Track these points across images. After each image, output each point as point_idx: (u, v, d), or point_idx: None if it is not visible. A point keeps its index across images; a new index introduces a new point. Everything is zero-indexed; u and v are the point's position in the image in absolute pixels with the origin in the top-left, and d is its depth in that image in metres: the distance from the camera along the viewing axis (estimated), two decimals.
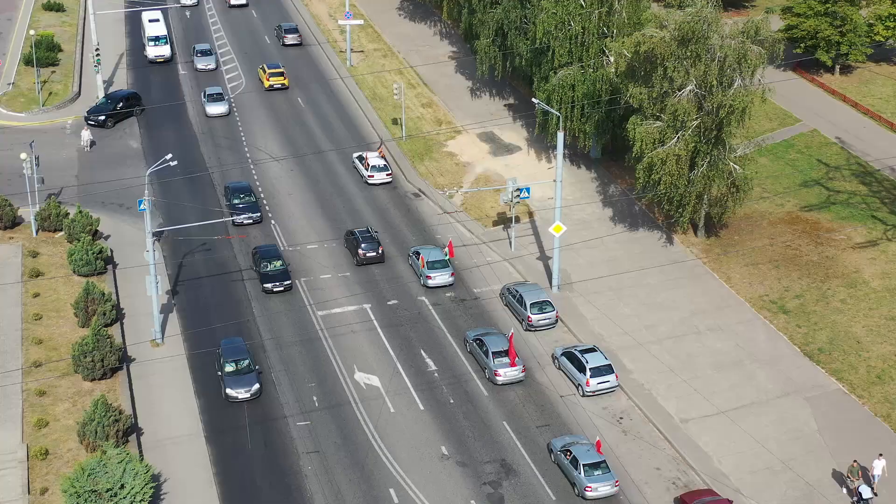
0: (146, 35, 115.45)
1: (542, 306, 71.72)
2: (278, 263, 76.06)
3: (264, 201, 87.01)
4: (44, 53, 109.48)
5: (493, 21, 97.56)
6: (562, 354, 67.70)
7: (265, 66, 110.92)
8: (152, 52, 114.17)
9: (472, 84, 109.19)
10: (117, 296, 73.69)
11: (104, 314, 69.15)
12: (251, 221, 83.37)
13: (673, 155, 75.85)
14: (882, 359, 68.29)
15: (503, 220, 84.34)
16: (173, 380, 66.37)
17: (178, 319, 72.22)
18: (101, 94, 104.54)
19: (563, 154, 76.88)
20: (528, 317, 71.23)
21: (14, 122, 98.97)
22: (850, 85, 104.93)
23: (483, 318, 72.86)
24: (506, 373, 66.49)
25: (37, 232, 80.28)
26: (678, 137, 76.05)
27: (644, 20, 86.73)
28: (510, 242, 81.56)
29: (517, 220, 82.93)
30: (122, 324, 70.96)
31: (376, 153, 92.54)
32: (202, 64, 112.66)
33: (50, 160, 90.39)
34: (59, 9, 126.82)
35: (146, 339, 69.57)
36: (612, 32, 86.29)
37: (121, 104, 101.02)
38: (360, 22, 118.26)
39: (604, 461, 58.59)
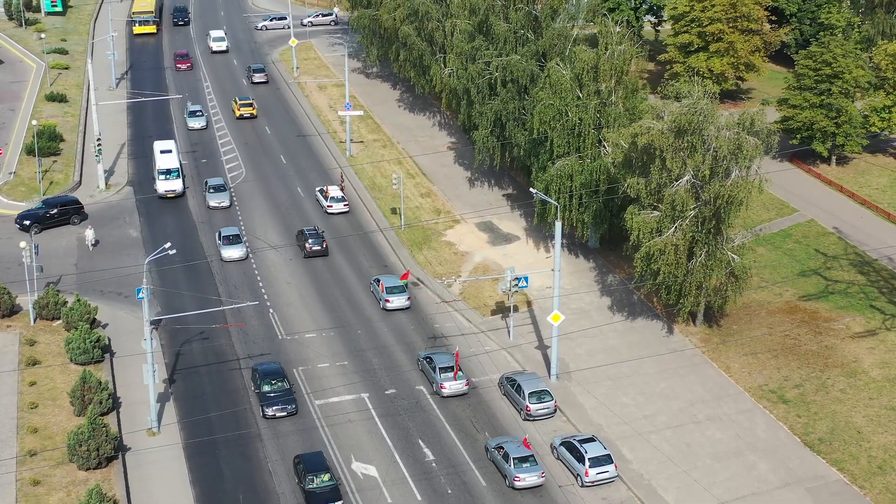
0: (157, 167, 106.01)
1: (540, 396, 71.41)
2: (327, 478, 63.31)
3: (263, 291, 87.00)
4: (45, 143, 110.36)
5: (492, 112, 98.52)
6: (560, 444, 67.27)
7: (237, 98, 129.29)
8: (162, 186, 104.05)
9: (470, 174, 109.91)
10: (114, 384, 73.41)
11: (100, 403, 68.81)
12: (285, 414, 71.00)
13: (671, 245, 76.07)
14: (883, 449, 67.83)
15: (502, 310, 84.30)
16: (169, 469, 65.77)
17: (175, 408, 71.84)
18: (103, 185, 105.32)
19: (562, 243, 77.07)
20: (527, 406, 70.88)
21: (14, 211, 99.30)
22: (846, 175, 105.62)
23: (481, 407, 72.50)
24: (450, 386, 73.19)
25: (35, 320, 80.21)
26: (675, 227, 76.33)
27: (640, 111, 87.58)
28: (509, 331, 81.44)
29: (515, 309, 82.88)
30: (118, 412, 70.58)
31: (337, 185, 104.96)
32: (215, 201, 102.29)
33: (49, 248, 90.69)
34: (61, 99, 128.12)
35: (142, 428, 69.15)
36: (609, 123, 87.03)
37: (55, 210, 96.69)
38: (360, 113, 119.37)
39: (532, 455, 65.14)
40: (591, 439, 66.58)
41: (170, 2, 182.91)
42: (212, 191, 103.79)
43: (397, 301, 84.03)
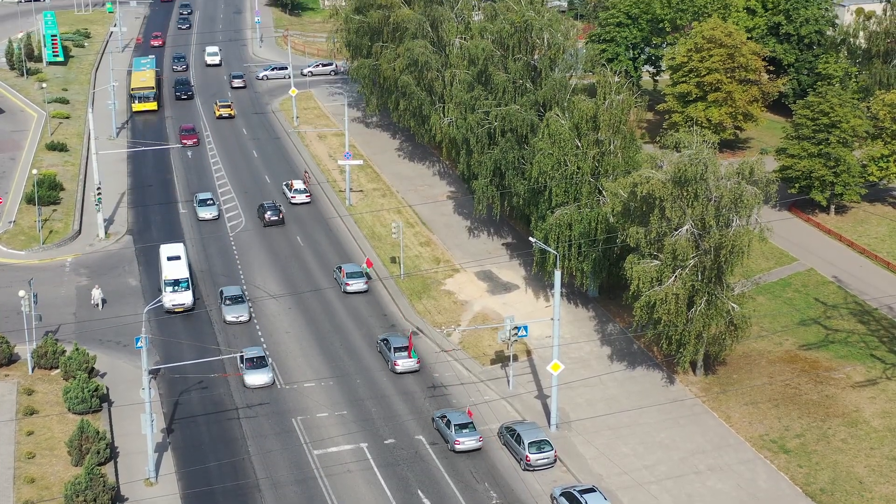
0: (163, 277, 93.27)
1: (540, 445, 71.07)
2: None
3: (262, 340, 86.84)
4: (45, 192, 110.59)
5: (491, 161, 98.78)
6: (560, 495, 66.83)
7: (217, 101, 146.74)
8: (169, 299, 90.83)
9: (469, 223, 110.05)
10: (112, 434, 73.06)
11: (98, 453, 68.45)
12: None
13: (672, 294, 75.97)
14: (885, 499, 67.43)
15: (501, 359, 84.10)
16: None
17: (173, 458, 71.48)
18: (102, 233, 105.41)
19: (561, 292, 77.01)
20: (527, 456, 70.52)
21: (14, 260, 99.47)
22: (845, 224, 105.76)
23: (480, 457, 72.11)
24: (403, 363, 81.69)
25: (33, 369, 79.97)
26: (676, 276, 76.28)
27: (637, 161, 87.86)
28: (508, 381, 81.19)
29: (515, 358, 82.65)
30: (115, 462, 70.19)
31: (301, 179, 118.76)
32: (233, 315, 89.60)
33: (48, 297, 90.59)
34: (62, 149, 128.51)
35: (140, 478, 68.76)
36: (608, 172, 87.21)
37: None
38: (360, 162, 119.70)
39: (471, 423, 72.83)
40: (592, 490, 66.18)
41: (169, 73, 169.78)
42: (228, 302, 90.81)
43: (356, 285, 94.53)
